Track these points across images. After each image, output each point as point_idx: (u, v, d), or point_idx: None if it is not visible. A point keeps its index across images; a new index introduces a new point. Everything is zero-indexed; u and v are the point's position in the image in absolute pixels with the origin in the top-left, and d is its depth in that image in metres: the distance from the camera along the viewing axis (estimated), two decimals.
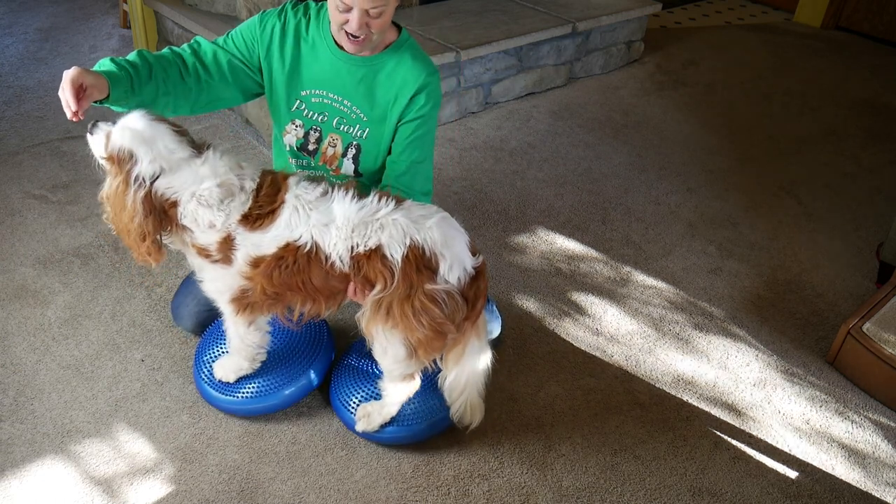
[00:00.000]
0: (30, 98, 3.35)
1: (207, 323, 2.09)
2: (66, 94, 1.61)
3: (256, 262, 1.64)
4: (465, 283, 1.64)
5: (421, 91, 1.91)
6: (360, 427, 1.84)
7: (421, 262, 1.59)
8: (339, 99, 1.97)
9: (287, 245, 1.62)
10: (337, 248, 1.61)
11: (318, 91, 1.97)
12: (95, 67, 1.76)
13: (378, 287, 1.62)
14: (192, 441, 1.88)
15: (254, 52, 1.95)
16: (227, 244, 1.65)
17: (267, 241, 1.63)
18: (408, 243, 1.59)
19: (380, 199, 1.64)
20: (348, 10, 1.75)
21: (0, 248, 2.47)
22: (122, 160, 1.61)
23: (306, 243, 1.61)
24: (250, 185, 1.66)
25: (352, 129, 1.99)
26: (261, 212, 1.64)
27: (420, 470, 1.86)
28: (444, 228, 1.64)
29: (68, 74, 1.61)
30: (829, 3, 4.84)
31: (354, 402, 1.90)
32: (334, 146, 2.01)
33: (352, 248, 1.61)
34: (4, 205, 2.68)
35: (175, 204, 1.63)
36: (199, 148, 1.67)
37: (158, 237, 1.67)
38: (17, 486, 1.75)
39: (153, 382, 2.03)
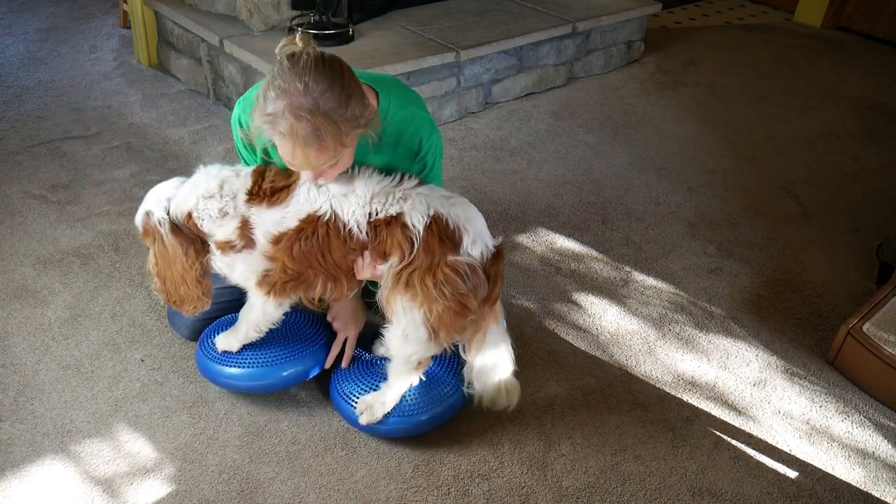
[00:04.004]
0: (30, 98, 3.35)
1: (202, 330, 2.08)
2: None
3: (278, 239, 1.67)
4: (487, 259, 1.65)
5: (422, 157, 1.81)
6: (363, 420, 1.83)
7: (444, 234, 1.61)
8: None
9: (308, 216, 1.65)
10: (355, 215, 1.63)
11: None
12: None
13: (395, 259, 1.63)
14: (192, 441, 1.88)
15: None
16: (245, 227, 1.68)
17: (290, 215, 1.66)
18: (431, 214, 1.61)
19: (402, 177, 1.68)
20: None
21: (0, 248, 2.48)
22: (147, 223, 1.78)
23: (326, 212, 1.64)
24: (245, 171, 1.73)
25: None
26: (273, 186, 1.67)
27: (420, 470, 1.86)
28: (466, 207, 1.68)
29: None
30: (829, 3, 4.84)
31: (356, 395, 1.89)
32: None
33: (369, 214, 1.63)
34: (4, 205, 2.68)
35: (190, 215, 1.72)
36: None
37: (205, 266, 1.78)
38: (17, 486, 1.75)
39: (153, 382, 2.03)
